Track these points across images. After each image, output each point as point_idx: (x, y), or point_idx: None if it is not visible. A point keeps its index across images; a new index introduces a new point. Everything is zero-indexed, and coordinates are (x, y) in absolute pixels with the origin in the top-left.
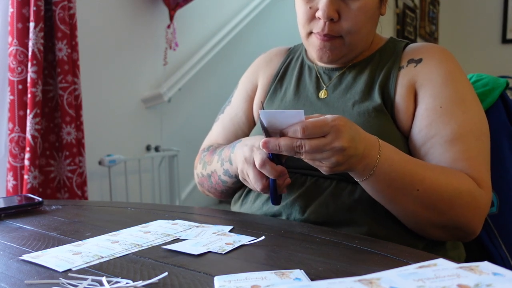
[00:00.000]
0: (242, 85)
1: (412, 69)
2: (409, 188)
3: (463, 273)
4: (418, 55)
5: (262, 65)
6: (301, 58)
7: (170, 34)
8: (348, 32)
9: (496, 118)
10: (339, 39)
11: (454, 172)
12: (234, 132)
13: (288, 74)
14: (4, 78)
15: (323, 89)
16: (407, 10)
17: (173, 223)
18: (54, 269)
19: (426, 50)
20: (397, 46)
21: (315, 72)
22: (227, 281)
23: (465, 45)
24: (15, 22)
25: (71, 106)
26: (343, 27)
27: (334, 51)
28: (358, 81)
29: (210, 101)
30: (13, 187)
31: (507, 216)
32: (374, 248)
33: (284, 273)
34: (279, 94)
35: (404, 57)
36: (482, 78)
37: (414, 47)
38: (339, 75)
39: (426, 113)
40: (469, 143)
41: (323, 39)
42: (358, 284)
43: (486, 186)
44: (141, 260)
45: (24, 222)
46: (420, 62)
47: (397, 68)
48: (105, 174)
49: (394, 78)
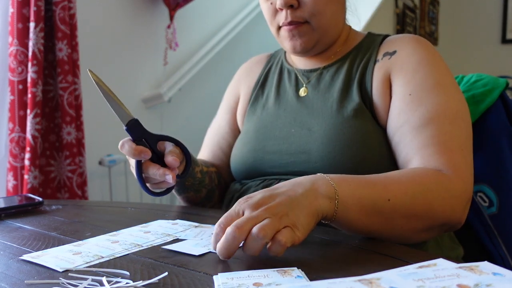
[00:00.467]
0: (226, 98)
1: (386, 61)
2: (380, 202)
3: (463, 273)
4: (393, 47)
5: (243, 75)
6: (280, 62)
7: (170, 34)
8: (311, 15)
9: (496, 118)
10: (305, 24)
11: (410, 170)
12: (217, 142)
13: (269, 80)
14: (4, 78)
15: (303, 87)
16: (407, 10)
17: (173, 223)
18: (54, 269)
19: (400, 41)
20: (375, 41)
21: (294, 74)
22: (230, 278)
23: (465, 45)
24: (15, 22)
25: (71, 106)
26: (305, 10)
27: (304, 38)
28: (336, 80)
29: (210, 101)
30: (13, 187)
31: (507, 216)
32: (374, 248)
33: (286, 271)
34: (261, 101)
35: (380, 51)
36: (482, 78)
37: (390, 39)
38: (317, 75)
39: (397, 103)
40: (440, 127)
41: (290, 28)
42: (358, 284)
43: (460, 172)
44: (141, 260)
45: (24, 222)
46: (394, 54)
47: (373, 63)
48: (105, 174)
49: (370, 74)
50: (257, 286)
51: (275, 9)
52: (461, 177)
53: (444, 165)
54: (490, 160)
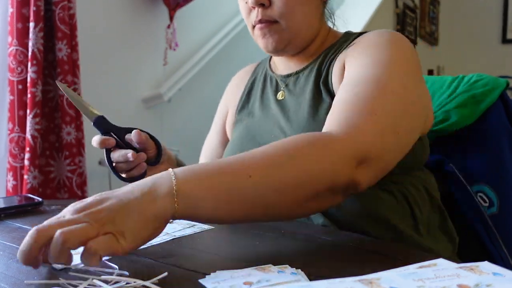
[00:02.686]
0: (217, 113)
1: (343, 52)
2: (240, 180)
3: (463, 273)
4: (359, 39)
5: (233, 89)
6: (265, 70)
7: (170, 34)
8: (281, 15)
9: (496, 118)
10: (276, 24)
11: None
12: (210, 158)
13: (255, 88)
14: (4, 78)
15: (281, 90)
16: (407, 10)
17: (169, 222)
18: (53, 268)
19: (368, 32)
20: (349, 39)
21: (274, 80)
22: (216, 282)
23: (465, 45)
24: (15, 22)
25: (71, 106)
26: (275, 10)
27: (275, 36)
28: (308, 83)
29: (210, 101)
30: (13, 187)
31: (507, 216)
32: (374, 248)
33: (265, 268)
34: (247, 109)
35: (349, 46)
36: (482, 78)
37: (362, 35)
38: (293, 79)
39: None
40: (359, 90)
41: (261, 26)
42: (358, 284)
43: (355, 131)
44: (141, 260)
45: (24, 222)
46: (353, 44)
47: (335, 60)
48: (105, 174)
49: (331, 70)
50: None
51: (249, 8)
52: (352, 136)
53: (338, 125)
54: (490, 160)
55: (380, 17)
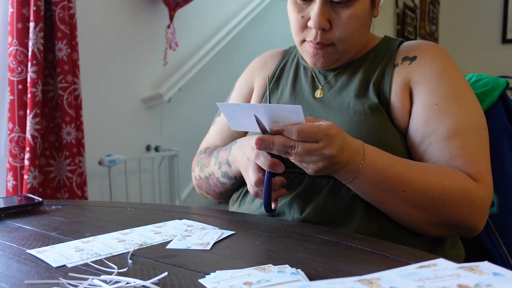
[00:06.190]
0: (238, 88)
1: (406, 66)
2: (395, 190)
3: (463, 273)
4: (413, 52)
5: (257, 67)
6: (296, 59)
7: (170, 34)
8: (340, 40)
9: (496, 118)
10: (331, 46)
11: (447, 171)
12: (230, 134)
13: (284, 75)
14: (4, 78)
15: (319, 89)
16: (407, 10)
17: (188, 224)
18: (52, 267)
19: (420, 47)
20: (392, 44)
21: (310, 72)
22: (215, 282)
23: (465, 45)
24: (15, 22)
25: (71, 106)
26: (335, 35)
27: (327, 58)
28: (353, 80)
29: (210, 101)
30: (13, 187)
31: (507, 216)
32: (374, 248)
33: (265, 268)
34: (276, 95)
35: (399, 55)
36: (482, 78)
37: (408, 45)
38: (335, 75)
39: (423, 111)
40: (466, 139)
41: (316, 47)
42: (358, 284)
43: (486, 181)
44: (141, 260)
45: (24, 222)
46: (414, 59)
47: (392, 66)
48: (105, 174)
49: (389, 77)
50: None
51: (305, 25)
52: (486, 187)
53: (482, 178)
54: (490, 160)
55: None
